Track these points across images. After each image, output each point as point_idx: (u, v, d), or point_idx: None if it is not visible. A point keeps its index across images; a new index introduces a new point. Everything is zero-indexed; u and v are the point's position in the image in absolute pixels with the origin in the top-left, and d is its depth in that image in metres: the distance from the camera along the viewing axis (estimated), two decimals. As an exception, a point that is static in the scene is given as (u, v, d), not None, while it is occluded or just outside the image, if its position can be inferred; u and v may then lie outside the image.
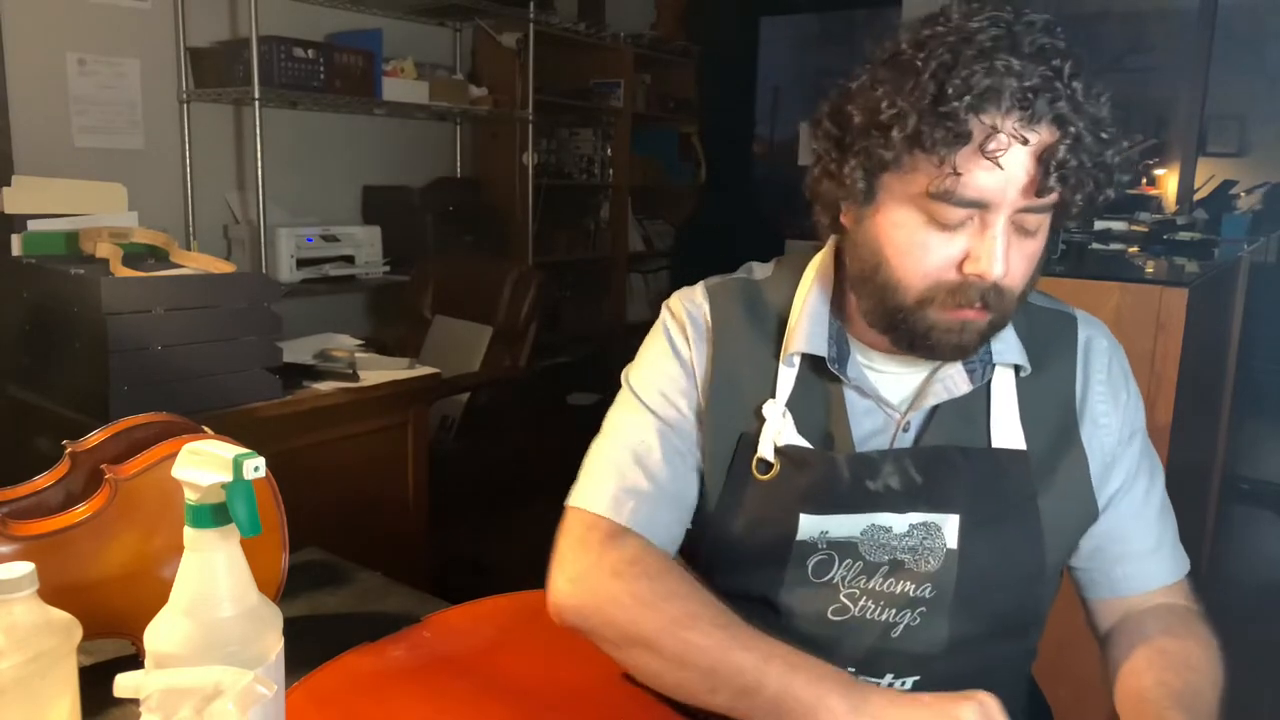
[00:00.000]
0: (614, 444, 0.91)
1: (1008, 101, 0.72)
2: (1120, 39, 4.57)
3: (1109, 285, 1.93)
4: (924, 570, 0.86)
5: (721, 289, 0.96)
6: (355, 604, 1.05)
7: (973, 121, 0.72)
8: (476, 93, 3.57)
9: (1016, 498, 0.87)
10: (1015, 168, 0.74)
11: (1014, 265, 0.78)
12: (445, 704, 0.81)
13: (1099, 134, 0.75)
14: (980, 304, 0.78)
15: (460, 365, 2.91)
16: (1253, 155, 4.63)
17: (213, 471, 0.64)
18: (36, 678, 0.64)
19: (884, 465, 0.86)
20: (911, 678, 0.89)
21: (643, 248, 4.76)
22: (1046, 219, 0.79)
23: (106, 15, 2.77)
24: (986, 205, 0.76)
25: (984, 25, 0.74)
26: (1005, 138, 0.73)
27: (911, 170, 0.76)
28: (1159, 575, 0.93)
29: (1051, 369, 0.91)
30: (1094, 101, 0.75)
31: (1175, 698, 0.79)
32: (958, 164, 0.73)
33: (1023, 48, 0.74)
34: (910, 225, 0.79)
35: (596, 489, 0.89)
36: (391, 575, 1.11)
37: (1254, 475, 3.78)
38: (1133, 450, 0.93)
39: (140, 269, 1.73)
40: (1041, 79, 0.73)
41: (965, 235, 0.78)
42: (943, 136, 0.72)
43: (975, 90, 0.72)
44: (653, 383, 0.93)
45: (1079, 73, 0.75)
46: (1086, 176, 0.75)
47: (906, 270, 0.80)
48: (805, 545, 0.87)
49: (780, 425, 0.87)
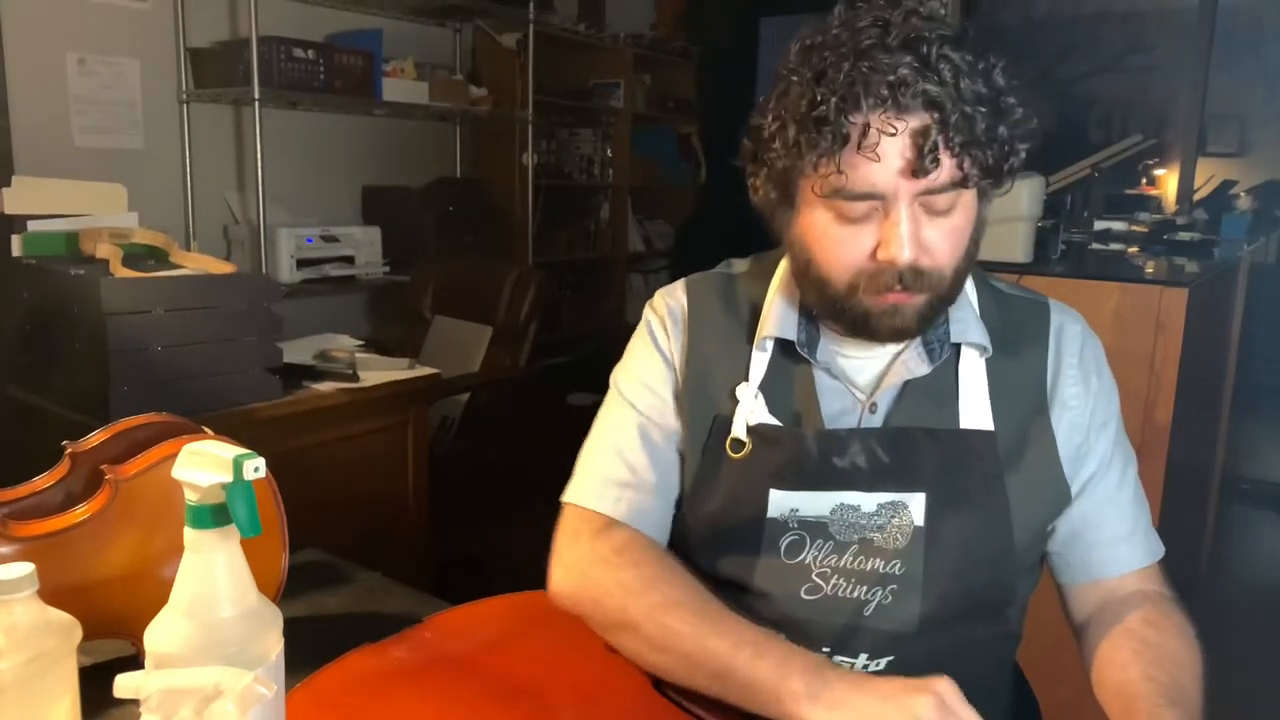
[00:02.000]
0: (601, 441, 0.98)
1: (873, 98, 0.77)
2: (1120, 39, 4.57)
3: (1109, 285, 1.93)
4: (893, 548, 0.89)
5: (700, 282, 1.02)
6: (355, 604, 1.05)
7: (844, 122, 0.78)
8: (476, 93, 3.57)
9: (983, 477, 0.89)
10: (893, 157, 0.79)
11: (931, 245, 0.82)
12: (447, 705, 0.81)
13: (980, 108, 0.78)
14: (901, 286, 0.83)
15: (460, 365, 2.91)
16: (1253, 155, 4.63)
17: (213, 472, 0.64)
18: (36, 678, 0.64)
19: (851, 444, 0.89)
20: (885, 658, 0.90)
21: (643, 248, 4.76)
22: (959, 196, 0.82)
23: (106, 15, 2.77)
24: (881, 196, 0.80)
25: (862, 27, 0.80)
26: (875, 131, 0.78)
27: (809, 174, 0.82)
28: (1133, 559, 0.95)
29: (1023, 353, 0.94)
30: (976, 78, 0.79)
31: (1164, 693, 0.80)
32: (841, 163, 0.79)
33: (891, 42, 0.78)
34: (823, 223, 0.84)
35: (586, 484, 0.96)
36: (391, 575, 1.11)
37: (1254, 475, 3.79)
38: (1106, 437, 0.95)
39: (140, 269, 1.73)
40: (908, 69, 0.77)
41: (873, 225, 0.82)
42: (820, 140, 0.78)
43: (840, 93, 0.77)
44: (636, 378, 0.99)
45: (951, 54, 0.78)
46: (976, 150, 0.79)
47: (829, 265, 0.85)
48: (777, 524, 0.90)
49: (753, 406, 0.92)
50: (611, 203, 4.50)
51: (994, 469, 0.89)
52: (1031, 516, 0.92)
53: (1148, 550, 0.96)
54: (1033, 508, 0.92)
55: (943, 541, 0.88)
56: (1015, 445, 0.91)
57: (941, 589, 0.88)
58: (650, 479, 0.95)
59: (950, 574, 0.88)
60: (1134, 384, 1.86)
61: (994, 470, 0.89)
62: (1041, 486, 0.92)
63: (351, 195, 3.54)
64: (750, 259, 1.04)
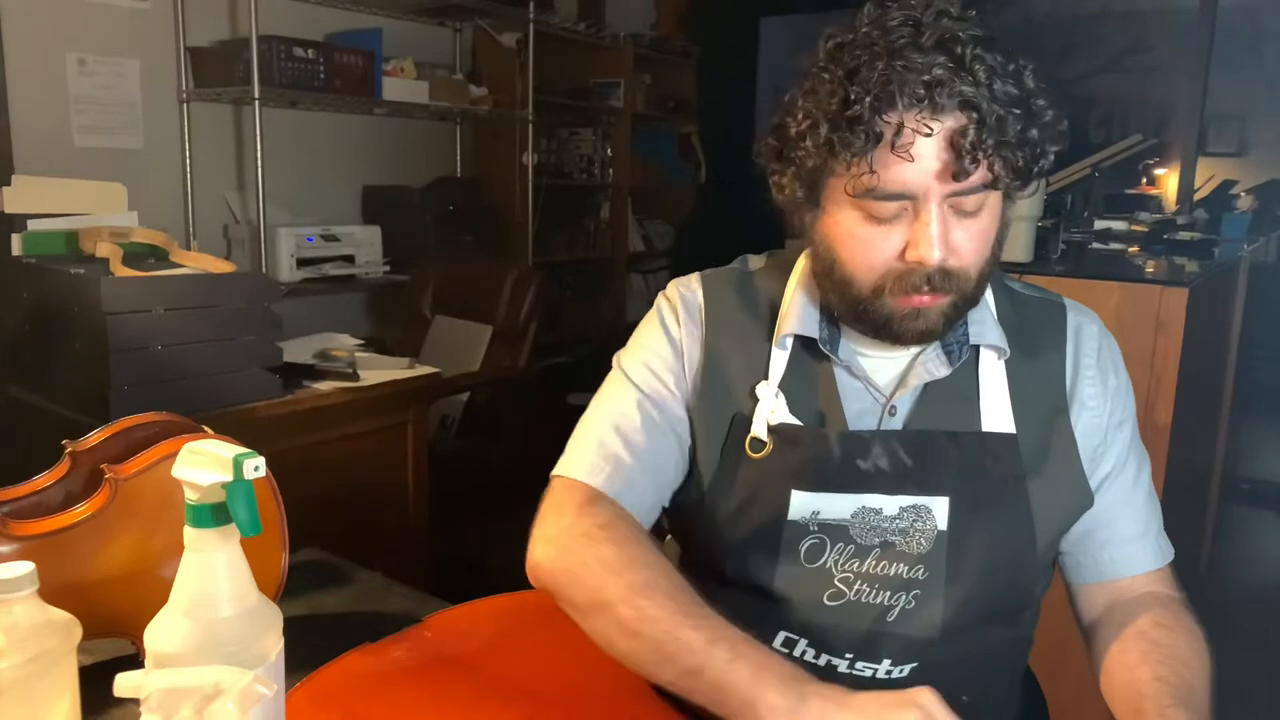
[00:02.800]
0: (596, 415, 0.96)
1: (908, 97, 0.76)
2: (1120, 39, 4.57)
3: (1109, 285, 1.93)
4: (915, 552, 0.88)
5: (716, 277, 1.00)
6: (355, 604, 1.05)
7: (878, 121, 0.77)
8: (476, 93, 3.57)
9: (1006, 480, 0.89)
10: (928, 157, 0.78)
11: (959, 246, 0.82)
12: (447, 704, 0.81)
13: (1013, 110, 0.78)
14: (928, 288, 0.82)
15: (460, 365, 2.92)
16: (1253, 155, 4.63)
17: (213, 471, 0.64)
18: (36, 678, 0.64)
19: (874, 445, 0.88)
20: (910, 664, 0.89)
21: (643, 248, 4.76)
22: (987, 198, 0.82)
23: (106, 15, 2.77)
24: (912, 196, 0.80)
25: (893, 26, 0.79)
26: (910, 131, 0.77)
27: (839, 173, 0.81)
28: (1145, 560, 0.95)
29: (1042, 354, 0.94)
30: (1007, 80, 0.78)
31: (1174, 694, 0.80)
32: (874, 162, 0.78)
33: (924, 42, 0.77)
34: (850, 223, 0.83)
35: (576, 456, 0.92)
36: (391, 575, 1.11)
37: (1254, 475, 3.78)
38: (1123, 437, 0.95)
39: (140, 269, 1.73)
40: (943, 69, 0.76)
41: (902, 225, 0.82)
42: (853, 139, 0.77)
43: (874, 91, 0.77)
44: (639, 359, 0.97)
45: (985, 55, 0.78)
46: (1008, 152, 0.78)
47: (855, 265, 0.84)
48: (797, 527, 0.89)
49: (773, 405, 0.90)
50: (611, 202, 4.50)
51: (1016, 471, 0.89)
52: (1053, 519, 0.91)
53: (1159, 552, 0.96)
54: (1055, 510, 0.91)
55: (966, 546, 0.87)
56: (1037, 448, 0.90)
57: (965, 594, 0.88)
58: (642, 457, 0.92)
59: (973, 579, 0.88)
60: (1134, 384, 1.85)
61: (1016, 473, 0.89)
62: (1063, 489, 0.91)
63: (351, 195, 3.54)
64: (765, 255, 1.03)
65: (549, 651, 0.90)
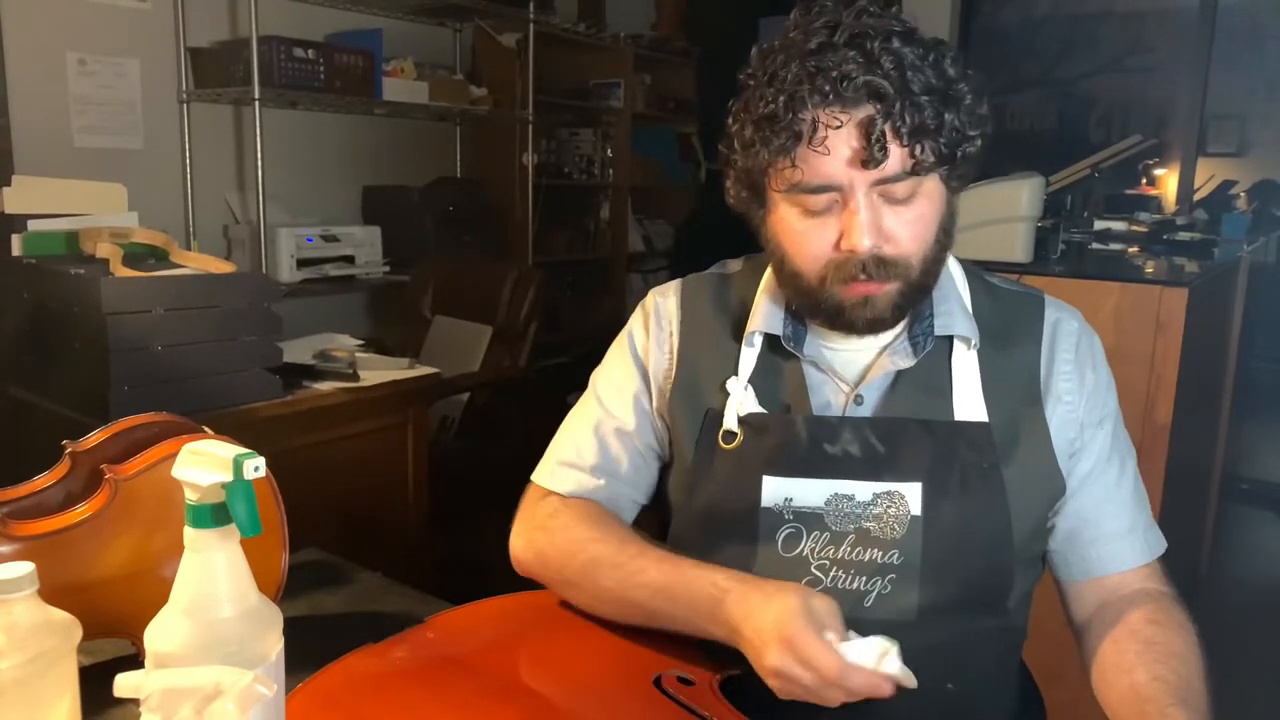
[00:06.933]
0: (563, 429, 1.07)
1: (818, 95, 0.81)
2: (1120, 39, 4.57)
3: (1109, 285, 1.93)
4: (889, 537, 0.89)
5: (694, 283, 1.06)
6: (355, 604, 1.05)
7: (795, 120, 0.82)
8: (476, 93, 3.57)
9: (979, 467, 0.90)
10: (843, 148, 0.83)
11: (893, 233, 0.86)
12: (448, 704, 0.81)
13: (926, 96, 0.82)
14: (865, 275, 0.86)
15: (460, 365, 2.91)
16: (1253, 155, 4.63)
17: (213, 471, 0.64)
18: (36, 678, 0.64)
19: (843, 431, 0.91)
20: None
21: (643, 248, 4.76)
22: (920, 184, 0.86)
23: (106, 15, 2.77)
24: (838, 187, 0.84)
25: (814, 29, 0.84)
26: (822, 126, 0.82)
27: (772, 172, 0.87)
28: (1133, 556, 0.96)
29: (1016, 346, 0.96)
30: (923, 69, 0.82)
31: (1174, 693, 0.80)
32: (797, 158, 0.84)
33: (838, 40, 0.82)
34: (790, 218, 0.89)
35: (543, 466, 1.06)
36: (391, 575, 1.11)
37: (1254, 475, 3.79)
38: (1103, 434, 0.96)
39: (140, 269, 1.73)
40: (852, 64, 0.81)
41: (835, 216, 0.86)
42: (773, 138, 0.84)
43: (788, 92, 0.82)
44: (607, 377, 1.06)
45: (898, 47, 0.81)
46: (926, 138, 0.82)
47: (800, 258, 0.89)
48: (772, 514, 0.91)
49: (743, 398, 0.95)
50: (611, 202, 4.50)
51: (990, 458, 0.90)
52: (1028, 507, 0.92)
53: (1148, 547, 0.97)
54: (1029, 498, 0.92)
55: (940, 530, 0.89)
56: (1009, 436, 0.92)
57: (939, 578, 0.89)
58: (595, 462, 1.02)
59: (948, 563, 0.89)
60: (1134, 384, 1.86)
61: (990, 459, 0.90)
62: (1037, 477, 0.93)
63: (351, 195, 3.54)
64: (743, 259, 1.07)
65: (549, 651, 0.91)
